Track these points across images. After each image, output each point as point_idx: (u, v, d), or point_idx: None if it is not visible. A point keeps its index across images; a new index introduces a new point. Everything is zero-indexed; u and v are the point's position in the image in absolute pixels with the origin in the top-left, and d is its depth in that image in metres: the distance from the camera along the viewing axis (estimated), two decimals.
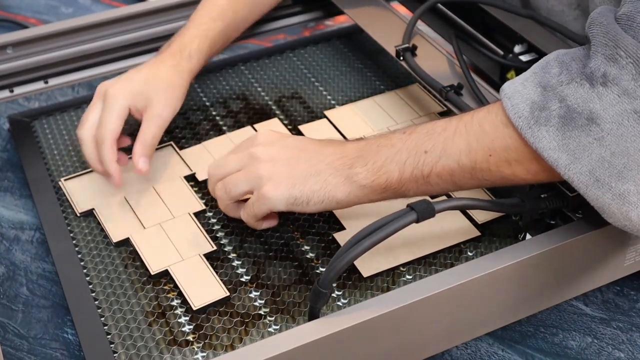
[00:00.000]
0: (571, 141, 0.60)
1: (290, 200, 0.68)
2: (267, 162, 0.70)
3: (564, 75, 0.62)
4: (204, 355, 0.68)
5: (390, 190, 0.68)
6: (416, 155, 0.66)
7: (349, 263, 0.60)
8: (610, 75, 0.59)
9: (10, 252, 0.84)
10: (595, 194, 0.60)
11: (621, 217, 0.61)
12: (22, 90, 0.97)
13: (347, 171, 0.68)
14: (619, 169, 0.59)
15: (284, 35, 1.19)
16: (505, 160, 0.64)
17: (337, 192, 0.68)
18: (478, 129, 0.65)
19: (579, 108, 0.60)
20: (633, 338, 0.74)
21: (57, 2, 1.30)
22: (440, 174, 0.66)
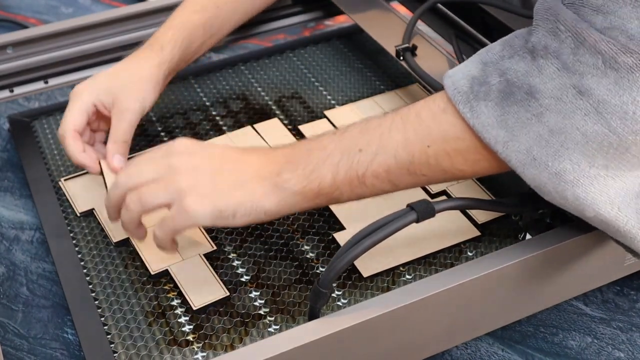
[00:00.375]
0: (510, 116, 0.59)
1: (215, 214, 0.63)
2: (188, 173, 0.64)
3: (506, 50, 0.60)
4: (204, 355, 0.68)
5: (322, 195, 0.64)
6: (350, 155, 0.63)
7: (349, 263, 0.60)
8: (550, 48, 0.58)
9: (10, 252, 0.84)
10: (532, 172, 0.59)
11: (557, 196, 0.59)
12: (22, 90, 0.97)
13: (275, 179, 0.64)
14: (555, 147, 0.58)
15: (284, 35, 1.19)
16: (444, 151, 0.62)
17: (265, 201, 0.64)
18: (415, 119, 0.63)
19: (519, 82, 0.59)
20: (633, 338, 0.74)
21: (57, 2, 1.30)
22: (376, 173, 0.63)
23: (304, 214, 0.80)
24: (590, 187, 0.58)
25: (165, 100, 0.98)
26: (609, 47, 0.55)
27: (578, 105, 0.57)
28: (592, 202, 0.58)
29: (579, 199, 0.58)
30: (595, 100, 0.56)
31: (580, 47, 0.56)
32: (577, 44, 0.57)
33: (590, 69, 0.56)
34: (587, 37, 0.56)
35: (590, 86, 0.56)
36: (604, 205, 0.58)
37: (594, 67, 0.56)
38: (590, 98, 0.56)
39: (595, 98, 0.56)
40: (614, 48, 0.55)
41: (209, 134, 0.92)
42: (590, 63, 0.56)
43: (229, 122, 0.94)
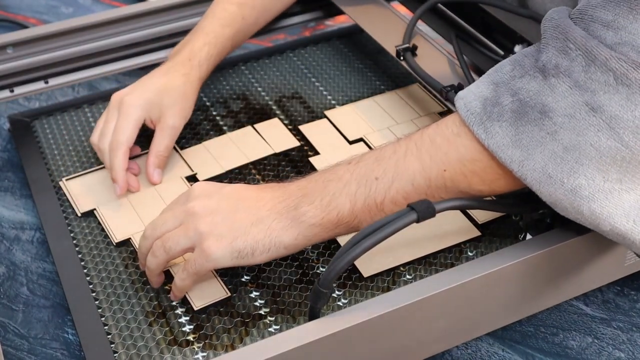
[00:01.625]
0: (524, 136, 0.59)
1: (234, 254, 0.64)
2: (205, 217, 0.66)
3: (516, 70, 0.61)
4: (204, 355, 0.68)
5: (342, 225, 0.65)
6: (367, 183, 0.64)
7: (350, 263, 0.60)
8: (561, 67, 0.58)
9: (10, 252, 0.84)
10: (548, 190, 0.60)
11: (573, 211, 0.60)
12: (23, 90, 0.97)
13: (293, 212, 0.64)
14: (570, 164, 0.58)
15: (284, 35, 1.19)
16: (461, 173, 0.63)
17: (283, 236, 0.64)
18: (430, 144, 0.63)
19: (532, 101, 0.59)
20: (633, 338, 0.74)
21: (57, 2, 1.30)
22: (395, 199, 0.64)
23: None
24: (605, 201, 0.58)
25: None
26: (620, 64, 0.56)
27: (591, 121, 0.57)
28: (608, 216, 0.59)
29: (594, 214, 0.59)
30: (607, 116, 0.57)
31: (591, 65, 0.57)
32: (588, 62, 0.57)
33: (602, 86, 0.57)
34: (598, 54, 0.57)
35: (602, 102, 0.57)
36: (620, 219, 0.59)
37: (606, 84, 0.57)
38: (602, 114, 0.57)
39: (607, 114, 0.57)
40: (625, 65, 0.56)
41: (209, 134, 0.92)
42: (602, 80, 0.57)
43: (229, 122, 0.94)
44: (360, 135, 0.89)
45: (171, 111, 0.83)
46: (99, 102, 0.98)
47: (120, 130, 0.81)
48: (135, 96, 0.83)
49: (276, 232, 0.64)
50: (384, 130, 0.90)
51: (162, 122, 0.83)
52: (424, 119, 0.91)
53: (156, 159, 0.83)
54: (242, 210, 0.66)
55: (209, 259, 0.65)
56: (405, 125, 0.90)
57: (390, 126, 0.90)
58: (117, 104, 0.83)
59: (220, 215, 0.66)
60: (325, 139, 0.90)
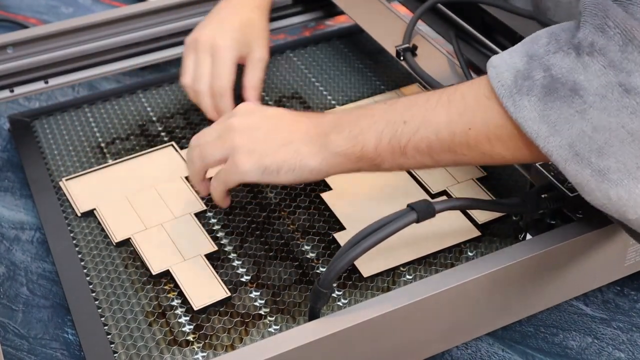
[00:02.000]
0: (552, 112, 0.58)
1: (261, 170, 0.68)
2: (242, 132, 0.70)
3: (552, 44, 0.60)
4: (204, 355, 0.68)
5: (365, 159, 0.66)
6: (395, 125, 0.65)
7: (350, 263, 0.60)
8: (597, 45, 0.57)
9: (10, 252, 0.84)
10: (575, 168, 0.58)
11: (600, 195, 0.58)
12: (23, 90, 0.97)
13: (323, 139, 0.67)
14: (599, 144, 0.57)
15: (284, 35, 1.19)
16: (485, 136, 0.62)
17: (309, 160, 0.67)
18: (460, 101, 0.63)
19: (563, 78, 0.58)
20: (633, 338, 0.74)
21: (57, 2, 1.30)
22: (418, 146, 0.64)
23: (305, 214, 0.80)
24: (635, 188, 0.57)
25: (165, 100, 0.98)
26: None
27: (624, 103, 0.56)
28: (635, 204, 0.57)
29: (622, 200, 0.58)
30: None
31: (628, 45, 0.56)
32: (626, 42, 0.56)
33: (638, 67, 0.55)
34: (637, 34, 0.55)
35: (637, 84, 0.55)
36: None
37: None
38: (637, 96, 0.55)
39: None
40: None
41: None
42: (639, 61, 0.55)
43: None
44: None
45: (257, 45, 0.88)
46: (99, 102, 0.98)
47: (221, 76, 0.86)
48: (226, 37, 0.87)
49: (303, 154, 0.67)
50: None
51: (250, 56, 0.88)
52: None
53: (254, 91, 0.88)
54: (277, 131, 0.69)
55: (237, 171, 0.69)
56: None
57: None
58: (207, 47, 0.87)
59: (256, 133, 0.69)
60: None
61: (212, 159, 0.71)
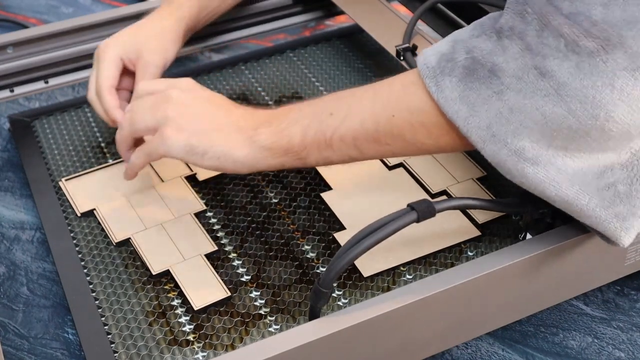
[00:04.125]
0: (472, 92, 0.60)
1: (187, 148, 0.68)
2: (177, 105, 0.70)
3: (476, 29, 0.62)
4: (205, 355, 0.68)
5: (291, 153, 0.67)
6: (320, 117, 0.66)
7: (350, 263, 0.60)
8: (516, 29, 0.59)
9: (10, 252, 0.84)
10: (492, 149, 0.60)
11: (517, 174, 0.60)
12: (23, 90, 0.97)
13: (251, 132, 0.68)
14: (515, 125, 0.59)
15: (284, 35, 1.19)
16: (408, 122, 0.63)
17: (235, 150, 0.68)
18: (387, 89, 0.65)
19: (483, 60, 0.60)
20: (633, 338, 0.74)
21: (57, 2, 1.30)
22: (343, 138, 0.65)
23: (305, 214, 0.80)
24: (549, 165, 0.59)
25: None
26: (572, 31, 0.56)
27: (539, 86, 0.57)
28: (552, 180, 0.59)
29: (538, 177, 0.60)
30: (556, 82, 0.57)
31: (544, 30, 0.57)
32: (542, 26, 0.57)
33: (552, 51, 0.57)
34: (552, 20, 0.57)
35: (552, 68, 0.57)
36: (564, 183, 0.59)
37: (557, 49, 0.57)
38: (551, 80, 0.57)
39: (556, 80, 0.57)
40: (576, 32, 0.56)
41: None
42: (553, 45, 0.57)
43: None
44: None
45: (147, 48, 0.83)
46: None
47: (98, 74, 0.82)
48: (109, 40, 0.84)
49: (231, 143, 0.68)
50: None
51: (140, 60, 0.83)
52: None
53: None
54: (210, 115, 0.69)
55: (163, 144, 0.69)
56: None
57: None
58: (95, 54, 0.84)
59: (190, 110, 0.69)
60: None
61: (141, 125, 0.71)
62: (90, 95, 0.84)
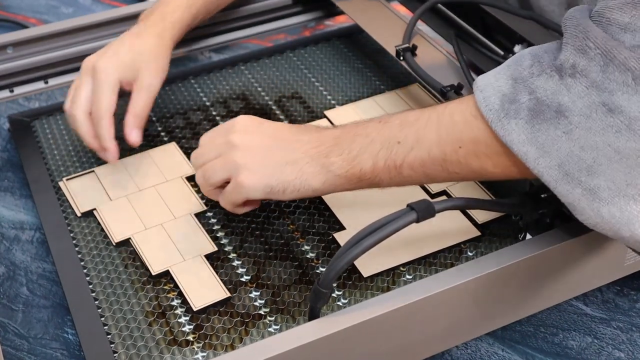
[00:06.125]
0: (540, 134, 0.59)
1: (267, 190, 0.69)
2: (244, 150, 0.70)
3: (535, 67, 0.61)
4: (204, 355, 0.68)
5: (364, 180, 0.68)
6: (389, 146, 0.66)
7: (349, 263, 0.60)
8: (579, 67, 0.58)
9: (10, 252, 0.84)
10: (565, 188, 0.59)
11: (592, 214, 0.59)
12: (22, 90, 0.97)
13: (323, 160, 0.68)
14: (588, 163, 0.58)
15: (284, 35, 1.19)
16: (474, 154, 0.64)
17: (312, 180, 0.69)
18: (449, 120, 0.65)
19: (548, 100, 0.59)
20: (633, 338, 0.74)
21: (57, 2, 1.30)
22: (412, 165, 0.66)
23: (305, 214, 0.80)
24: (626, 205, 0.57)
25: (165, 100, 0.98)
26: (639, 64, 0.55)
27: (608, 122, 0.56)
28: (628, 221, 0.57)
29: (614, 217, 0.58)
30: (626, 117, 0.56)
31: (609, 65, 0.56)
32: (607, 62, 0.57)
33: (620, 86, 0.56)
34: (617, 54, 0.56)
35: (620, 104, 0.56)
36: None
37: (624, 84, 0.56)
38: (620, 115, 0.56)
39: (626, 115, 0.56)
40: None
41: None
42: (620, 80, 0.56)
43: None
44: None
45: (146, 71, 0.83)
46: None
47: (99, 99, 0.80)
48: (108, 60, 0.82)
49: (307, 175, 0.69)
50: None
51: (137, 82, 0.83)
52: None
53: (135, 119, 0.82)
54: (279, 149, 0.70)
55: (241, 191, 0.70)
56: None
57: None
58: (89, 70, 0.82)
59: (258, 151, 0.70)
60: None
61: (215, 179, 0.72)
62: (74, 109, 0.81)
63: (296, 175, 0.69)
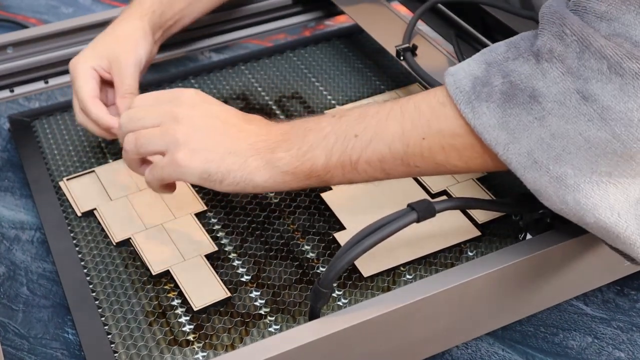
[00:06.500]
0: (512, 119, 0.58)
1: (204, 175, 0.65)
2: (187, 126, 0.65)
3: (511, 51, 0.60)
4: (205, 355, 0.68)
5: (314, 177, 0.65)
6: (345, 139, 0.63)
7: (350, 263, 0.60)
8: (555, 52, 0.57)
9: (10, 252, 0.84)
10: (533, 176, 0.58)
11: (557, 200, 0.58)
12: (23, 90, 0.97)
13: (269, 155, 0.64)
14: (557, 151, 0.57)
15: (284, 35, 1.19)
16: (439, 145, 0.62)
17: (255, 175, 0.65)
18: (414, 110, 0.63)
19: (522, 84, 0.58)
20: (633, 338, 0.74)
21: (57, 2, 1.30)
22: (370, 160, 0.63)
23: (305, 214, 0.80)
24: (591, 192, 0.57)
25: None
26: (615, 53, 0.55)
27: (581, 110, 0.56)
28: (593, 207, 0.58)
29: (579, 204, 0.58)
30: (599, 106, 0.55)
31: (585, 52, 0.56)
32: (583, 49, 0.56)
33: (595, 74, 0.55)
34: (593, 42, 0.56)
35: (594, 92, 0.55)
36: (604, 211, 0.58)
37: (599, 72, 0.55)
38: (594, 103, 0.55)
39: (599, 104, 0.55)
40: (619, 53, 0.54)
41: None
42: (595, 68, 0.55)
43: None
44: None
45: (117, 52, 0.82)
46: None
47: (77, 91, 0.81)
48: (81, 54, 0.83)
49: (250, 168, 0.64)
50: None
51: (114, 66, 0.82)
52: None
53: (123, 99, 0.81)
54: (224, 135, 0.65)
55: (178, 170, 0.65)
56: None
57: None
58: (70, 74, 0.83)
59: (202, 130, 0.65)
60: None
61: (149, 149, 0.67)
62: (80, 118, 0.82)
63: (238, 167, 0.64)
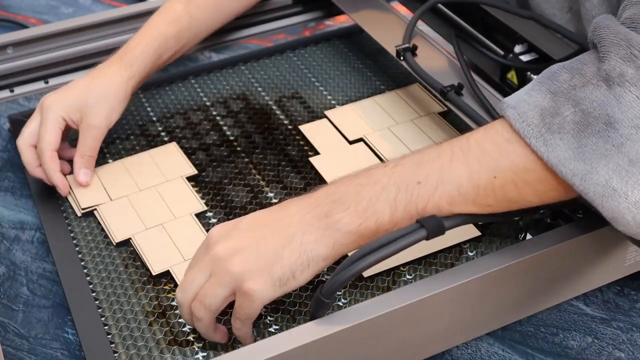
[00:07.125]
0: (587, 149, 0.56)
1: (277, 284, 0.60)
2: (233, 257, 0.61)
3: (576, 79, 0.58)
4: (205, 355, 0.68)
5: (381, 232, 0.61)
6: (407, 188, 0.60)
7: (355, 276, 0.60)
8: (627, 75, 0.55)
9: (10, 252, 0.84)
10: (611, 205, 0.57)
11: (634, 225, 0.57)
12: (23, 90, 0.97)
13: (325, 221, 0.60)
14: (636, 176, 0.55)
15: (284, 35, 1.19)
16: (512, 182, 0.60)
17: (319, 248, 0.60)
18: (477, 150, 0.60)
19: (596, 112, 0.56)
20: (633, 338, 0.74)
21: (57, 2, 1.30)
22: (438, 205, 0.61)
23: None
24: None
25: (165, 100, 0.98)
26: None
27: None
28: None
29: None
30: None
31: None
32: None
33: None
34: None
35: None
36: None
37: None
38: None
39: None
40: None
41: (209, 134, 0.92)
42: None
43: (229, 122, 0.94)
44: (361, 135, 0.89)
45: (91, 111, 0.82)
46: None
47: (41, 136, 0.82)
48: (53, 98, 0.83)
49: (310, 245, 0.60)
50: (384, 130, 0.90)
51: (83, 122, 0.83)
52: (424, 119, 0.91)
53: (81, 159, 0.83)
54: (269, 236, 0.61)
55: (253, 300, 0.61)
56: (405, 125, 0.90)
57: (390, 126, 0.90)
58: (40, 106, 0.84)
59: (247, 250, 0.61)
60: (325, 139, 0.90)
61: (217, 302, 0.62)
62: (20, 143, 0.84)
63: (299, 252, 0.60)
